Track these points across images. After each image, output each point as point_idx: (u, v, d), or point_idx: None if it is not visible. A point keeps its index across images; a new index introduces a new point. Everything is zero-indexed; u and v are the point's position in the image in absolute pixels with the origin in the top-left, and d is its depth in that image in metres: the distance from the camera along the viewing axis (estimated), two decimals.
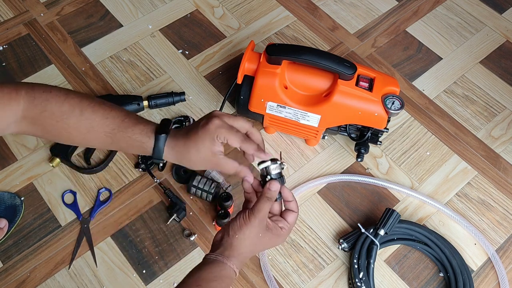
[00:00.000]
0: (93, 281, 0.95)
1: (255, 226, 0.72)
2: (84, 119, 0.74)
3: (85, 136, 0.75)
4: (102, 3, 1.34)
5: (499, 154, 1.14)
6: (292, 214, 0.78)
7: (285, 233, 0.77)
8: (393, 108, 0.98)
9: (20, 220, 1.00)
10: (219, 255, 0.71)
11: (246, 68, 1.03)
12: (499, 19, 1.37)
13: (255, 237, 0.73)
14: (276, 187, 0.75)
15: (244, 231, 0.72)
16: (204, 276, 0.70)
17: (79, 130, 0.74)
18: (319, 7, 1.37)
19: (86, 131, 0.74)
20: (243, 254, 0.73)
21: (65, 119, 0.73)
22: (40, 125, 0.74)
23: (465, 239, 1.02)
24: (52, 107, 0.73)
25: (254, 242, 0.73)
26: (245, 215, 0.73)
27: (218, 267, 0.71)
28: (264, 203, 0.74)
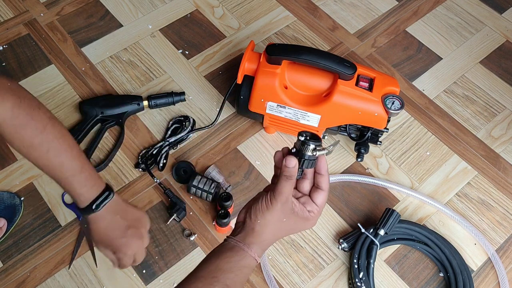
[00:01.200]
0: (93, 281, 0.95)
1: (277, 210, 0.66)
2: (45, 158, 0.75)
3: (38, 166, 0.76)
4: (102, 3, 1.34)
5: (499, 154, 1.14)
6: (320, 193, 0.69)
7: (314, 217, 0.69)
8: (393, 108, 0.98)
9: (20, 220, 1.00)
10: (240, 241, 0.66)
11: (246, 68, 1.03)
12: (499, 19, 1.37)
13: (278, 222, 0.67)
14: (292, 163, 0.65)
15: (266, 216, 0.66)
16: (222, 265, 0.65)
17: (37, 162, 0.76)
18: (319, 7, 1.37)
19: (42, 165, 0.76)
20: (265, 240, 0.67)
21: (31, 150, 0.74)
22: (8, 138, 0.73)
23: (465, 239, 1.02)
24: (27, 134, 0.73)
25: (277, 228, 0.67)
26: (267, 198, 0.67)
27: (238, 256, 0.66)
28: (283, 183, 0.65)
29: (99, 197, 0.77)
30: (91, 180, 0.78)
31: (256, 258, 0.66)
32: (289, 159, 0.65)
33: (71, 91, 1.18)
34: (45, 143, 0.74)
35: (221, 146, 1.11)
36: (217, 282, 0.63)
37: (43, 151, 0.74)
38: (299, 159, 0.66)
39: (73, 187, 0.77)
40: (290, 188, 0.66)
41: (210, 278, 0.64)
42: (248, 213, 0.68)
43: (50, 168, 0.76)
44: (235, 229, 0.69)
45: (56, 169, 0.76)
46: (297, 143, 0.66)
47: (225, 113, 1.16)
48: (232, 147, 1.11)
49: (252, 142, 1.13)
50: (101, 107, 1.11)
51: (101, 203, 0.77)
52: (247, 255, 0.65)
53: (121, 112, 1.11)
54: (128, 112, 1.12)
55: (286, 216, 0.67)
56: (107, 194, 0.78)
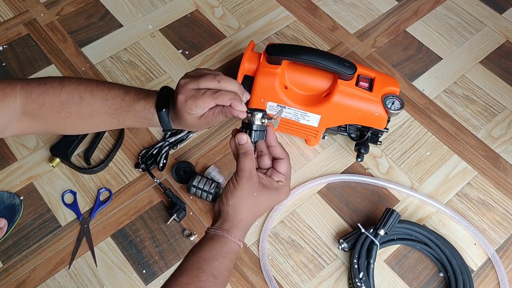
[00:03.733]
0: (93, 281, 0.95)
1: (244, 187, 0.67)
2: (84, 105, 0.73)
3: (89, 121, 0.75)
4: (102, 3, 1.34)
5: (499, 154, 1.14)
6: (282, 162, 0.71)
7: (283, 186, 0.71)
8: (393, 108, 0.98)
9: (20, 219, 1.00)
10: (218, 228, 0.68)
11: (246, 68, 1.03)
12: (499, 19, 1.37)
13: (250, 198, 0.68)
14: (244, 139, 0.68)
15: (235, 195, 0.68)
16: (205, 255, 0.66)
17: (82, 116, 0.74)
18: (319, 7, 1.37)
19: (89, 116, 0.74)
20: (242, 221, 0.69)
21: (66, 108, 0.73)
22: (42, 119, 0.74)
23: (465, 239, 1.02)
24: (50, 98, 0.72)
25: (251, 204, 0.68)
26: (232, 179, 0.69)
27: (219, 243, 0.67)
28: (242, 159, 0.68)
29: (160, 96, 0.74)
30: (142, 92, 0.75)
31: (237, 242, 0.67)
32: (240, 136, 0.68)
33: None
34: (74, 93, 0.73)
35: (221, 146, 1.11)
36: (203, 273, 0.64)
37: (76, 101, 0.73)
38: (249, 132, 0.69)
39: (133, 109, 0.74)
40: (251, 162, 0.68)
41: (196, 270, 0.64)
42: (220, 199, 0.69)
43: (99, 111, 0.74)
44: (214, 220, 0.71)
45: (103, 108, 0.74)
46: (245, 118, 0.69)
47: None
48: None
49: None
50: None
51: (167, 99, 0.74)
52: (228, 240, 0.67)
53: None
54: None
55: (256, 190, 0.68)
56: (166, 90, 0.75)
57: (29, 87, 0.73)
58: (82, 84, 0.74)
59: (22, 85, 0.73)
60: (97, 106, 0.74)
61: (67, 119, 0.74)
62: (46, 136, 1.10)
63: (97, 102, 0.74)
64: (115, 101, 0.74)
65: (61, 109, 0.73)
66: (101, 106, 0.74)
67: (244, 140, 0.69)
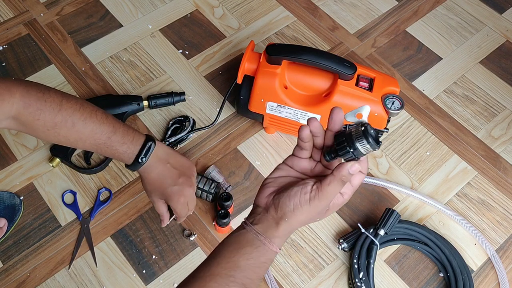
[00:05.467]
0: (93, 281, 0.95)
1: (312, 212, 0.59)
2: (74, 131, 0.76)
3: (72, 143, 0.78)
4: (102, 3, 1.34)
5: (499, 154, 1.14)
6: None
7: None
8: (393, 108, 0.98)
9: (20, 219, 1.00)
10: (260, 233, 0.59)
11: (246, 68, 1.03)
12: (499, 19, 1.37)
13: (307, 218, 0.60)
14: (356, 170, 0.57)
15: (297, 214, 0.59)
16: (240, 262, 0.59)
17: (68, 139, 0.77)
18: (319, 7, 1.37)
19: (75, 141, 0.78)
20: (289, 233, 0.61)
21: (57, 129, 0.75)
22: (31, 128, 0.75)
23: (465, 239, 1.02)
24: (46, 116, 0.74)
25: (304, 222, 0.60)
26: (305, 196, 0.58)
27: (258, 252, 0.59)
28: (335, 185, 0.58)
29: (142, 150, 0.79)
30: (128, 136, 0.79)
31: (277, 251, 0.60)
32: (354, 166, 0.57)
33: (71, 91, 1.18)
34: (68, 118, 0.75)
35: (221, 146, 1.11)
36: (234, 282, 0.58)
37: (68, 127, 0.75)
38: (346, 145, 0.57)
39: (114, 149, 0.78)
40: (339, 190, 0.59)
41: (227, 277, 0.58)
42: (274, 202, 0.60)
43: (84, 140, 0.77)
44: (253, 212, 0.62)
45: (89, 139, 0.77)
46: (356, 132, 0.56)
47: (225, 113, 1.16)
48: (232, 147, 1.11)
49: (252, 142, 1.13)
50: (101, 107, 1.10)
51: (146, 154, 0.79)
52: (269, 250, 0.59)
53: (121, 112, 1.11)
54: (128, 112, 1.12)
55: (320, 213, 0.61)
56: (149, 144, 0.79)
57: (28, 98, 0.73)
58: (77, 112, 0.76)
59: (22, 94, 0.73)
60: (85, 136, 0.77)
61: (54, 137, 0.77)
62: None
63: (86, 133, 0.77)
64: (102, 136, 0.78)
65: (53, 128, 0.76)
66: (88, 136, 0.77)
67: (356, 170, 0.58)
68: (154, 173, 0.81)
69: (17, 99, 0.72)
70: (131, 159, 0.79)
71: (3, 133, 1.11)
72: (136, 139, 0.80)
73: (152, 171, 0.81)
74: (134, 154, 0.79)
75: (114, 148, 0.78)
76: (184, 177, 0.83)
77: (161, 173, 0.82)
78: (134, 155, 0.79)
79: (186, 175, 0.84)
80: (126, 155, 0.79)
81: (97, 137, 0.77)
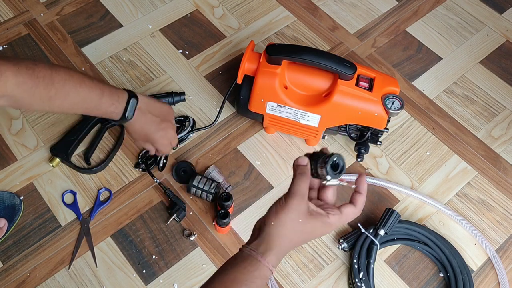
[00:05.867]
0: (93, 281, 0.95)
1: (292, 210, 0.63)
2: (68, 101, 0.81)
3: (65, 111, 0.85)
4: (102, 3, 1.34)
5: (499, 154, 1.14)
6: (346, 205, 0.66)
7: (333, 221, 0.65)
8: (393, 108, 0.98)
9: (20, 219, 1.00)
10: (253, 250, 0.63)
11: (246, 68, 1.03)
12: (499, 19, 1.37)
13: (294, 223, 0.64)
14: (304, 161, 0.66)
15: (280, 216, 0.63)
16: (235, 276, 0.62)
17: (62, 108, 0.82)
18: (319, 7, 1.37)
19: (68, 109, 0.83)
20: (281, 246, 0.64)
21: (51, 101, 0.79)
22: (27, 104, 0.78)
23: (465, 239, 1.02)
24: (41, 92, 0.77)
25: (294, 230, 0.64)
26: (281, 199, 0.65)
27: (251, 266, 0.62)
28: (297, 179, 0.65)
29: (127, 107, 0.86)
30: (114, 96, 0.85)
31: (270, 268, 0.63)
32: (302, 158, 0.66)
33: None
34: (61, 90, 0.79)
35: (221, 146, 1.11)
36: None
37: (62, 97, 0.80)
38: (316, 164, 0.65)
39: (103, 110, 0.85)
40: (304, 186, 0.64)
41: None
42: (263, 218, 0.65)
43: (77, 106, 0.83)
44: (252, 236, 0.66)
45: (82, 105, 0.83)
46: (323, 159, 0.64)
47: (225, 113, 1.16)
48: (232, 147, 1.11)
49: (252, 142, 1.13)
50: None
51: (131, 110, 0.87)
52: (261, 264, 0.62)
53: None
54: None
55: (302, 216, 0.64)
56: (132, 100, 0.87)
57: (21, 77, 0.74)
58: (69, 81, 0.80)
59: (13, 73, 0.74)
60: (78, 103, 0.82)
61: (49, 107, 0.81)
62: (46, 136, 1.10)
63: (78, 100, 0.82)
64: (92, 101, 0.83)
65: (48, 101, 0.79)
66: (80, 102, 0.82)
67: (304, 162, 0.66)
68: (138, 124, 0.90)
69: (9, 77, 0.73)
70: (118, 116, 0.86)
71: (3, 133, 1.11)
72: (121, 98, 0.86)
73: (136, 123, 0.89)
74: (121, 111, 0.86)
75: (104, 110, 0.85)
76: (165, 122, 0.93)
77: (144, 123, 0.91)
78: (121, 113, 0.86)
79: (166, 120, 0.94)
80: (114, 114, 0.86)
81: (88, 101, 0.83)
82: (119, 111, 0.86)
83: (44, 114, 1.13)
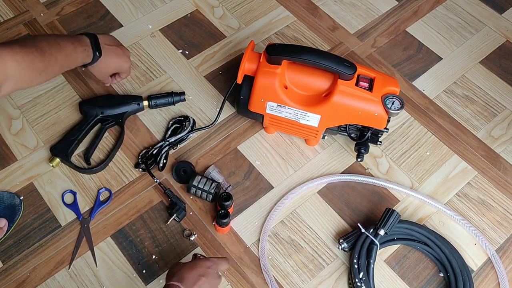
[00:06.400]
0: (93, 281, 0.95)
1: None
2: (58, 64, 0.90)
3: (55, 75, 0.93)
4: (102, 3, 1.34)
5: (499, 154, 1.14)
6: None
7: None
8: (393, 108, 0.98)
9: (20, 219, 1.00)
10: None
11: (246, 68, 1.03)
12: (499, 19, 1.37)
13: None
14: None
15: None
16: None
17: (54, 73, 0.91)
18: (319, 7, 1.37)
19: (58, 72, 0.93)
20: None
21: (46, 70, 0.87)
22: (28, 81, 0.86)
23: (465, 239, 1.02)
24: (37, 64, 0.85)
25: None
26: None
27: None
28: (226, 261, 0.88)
29: (94, 48, 0.98)
30: (82, 42, 0.95)
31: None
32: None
33: (71, 91, 1.18)
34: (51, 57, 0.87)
35: (221, 146, 1.11)
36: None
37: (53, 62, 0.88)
38: None
39: (80, 60, 0.96)
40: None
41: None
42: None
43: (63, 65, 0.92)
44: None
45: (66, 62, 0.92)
46: None
47: (225, 113, 1.16)
48: (232, 147, 1.11)
49: (252, 142, 1.13)
50: (101, 107, 1.11)
51: (99, 48, 0.99)
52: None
53: (121, 112, 1.11)
54: (128, 112, 1.12)
55: None
56: (95, 40, 0.99)
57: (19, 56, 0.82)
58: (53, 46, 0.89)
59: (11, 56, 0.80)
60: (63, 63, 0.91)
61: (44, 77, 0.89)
62: (46, 136, 1.10)
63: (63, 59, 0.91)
64: (71, 56, 0.93)
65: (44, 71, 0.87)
66: (65, 61, 0.92)
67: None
68: (105, 58, 1.02)
69: (8, 60, 0.79)
70: (91, 58, 0.98)
71: (3, 133, 1.11)
72: (86, 41, 0.97)
73: (104, 58, 1.01)
74: (91, 53, 0.98)
75: (80, 58, 0.96)
76: (120, 47, 1.06)
77: (110, 56, 1.03)
78: (92, 55, 0.98)
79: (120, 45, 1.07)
80: (88, 57, 0.98)
81: (69, 57, 0.92)
82: (91, 53, 0.97)
83: (44, 114, 1.13)
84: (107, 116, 1.11)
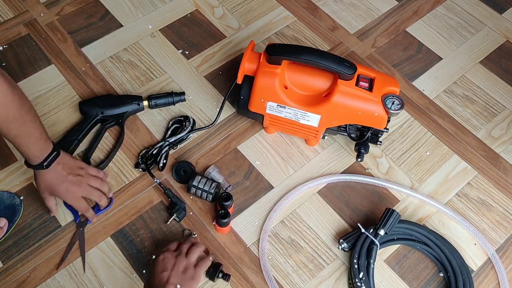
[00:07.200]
0: (93, 281, 0.95)
1: None
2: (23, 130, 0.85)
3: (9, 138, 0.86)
4: (102, 3, 1.34)
5: (499, 154, 1.14)
6: None
7: None
8: (393, 108, 0.98)
9: (20, 219, 1.00)
10: None
11: (246, 68, 1.03)
12: (499, 19, 1.37)
13: None
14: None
15: None
16: None
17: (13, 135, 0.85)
18: (319, 7, 1.37)
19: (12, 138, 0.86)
20: None
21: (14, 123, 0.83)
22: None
23: (465, 239, 1.02)
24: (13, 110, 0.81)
25: None
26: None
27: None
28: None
29: (49, 157, 0.91)
30: (46, 144, 0.90)
31: None
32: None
33: (71, 91, 1.18)
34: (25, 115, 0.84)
35: (221, 146, 1.11)
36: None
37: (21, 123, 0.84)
38: None
39: (31, 152, 0.88)
40: None
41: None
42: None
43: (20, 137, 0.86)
44: None
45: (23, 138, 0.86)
46: None
47: (225, 113, 1.16)
48: (232, 147, 1.11)
49: (252, 142, 1.13)
50: (101, 107, 1.11)
51: (51, 161, 0.91)
52: None
53: (121, 112, 1.11)
54: (128, 112, 1.12)
55: None
56: (55, 154, 0.92)
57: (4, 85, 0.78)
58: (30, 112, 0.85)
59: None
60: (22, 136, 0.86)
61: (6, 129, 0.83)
62: None
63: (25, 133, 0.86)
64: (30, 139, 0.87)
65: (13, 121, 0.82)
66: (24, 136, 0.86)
67: None
68: (48, 174, 0.93)
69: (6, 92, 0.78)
70: (37, 162, 0.90)
71: None
72: (48, 148, 0.91)
73: (47, 173, 0.93)
74: (42, 159, 0.90)
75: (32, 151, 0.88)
76: (72, 175, 0.96)
77: (53, 174, 0.94)
78: (41, 160, 0.90)
79: (74, 174, 0.96)
80: (37, 158, 0.90)
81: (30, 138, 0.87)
82: (41, 159, 0.90)
83: (45, 114, 1.13)
84: (107, 116, 1.11)
